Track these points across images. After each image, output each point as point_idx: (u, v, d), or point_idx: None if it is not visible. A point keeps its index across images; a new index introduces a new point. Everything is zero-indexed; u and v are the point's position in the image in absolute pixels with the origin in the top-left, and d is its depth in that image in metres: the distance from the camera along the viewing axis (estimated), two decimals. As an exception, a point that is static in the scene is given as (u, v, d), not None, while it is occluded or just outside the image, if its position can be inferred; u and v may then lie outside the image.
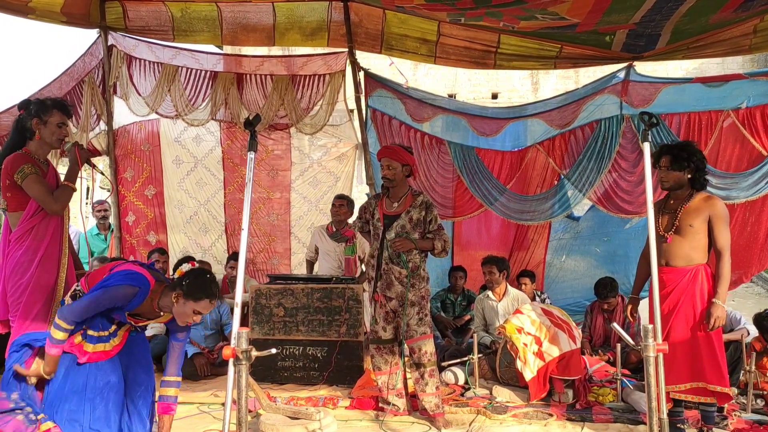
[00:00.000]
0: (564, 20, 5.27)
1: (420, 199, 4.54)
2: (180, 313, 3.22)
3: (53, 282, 3.67)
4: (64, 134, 3.78)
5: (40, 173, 3.64)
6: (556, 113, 6.62)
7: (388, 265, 4.46)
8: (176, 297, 3.21)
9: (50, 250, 3.67)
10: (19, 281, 3.59)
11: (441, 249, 4.48)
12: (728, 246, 3.91)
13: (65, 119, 3.78)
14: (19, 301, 3.58)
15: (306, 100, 6.83)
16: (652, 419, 2.83)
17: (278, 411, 4.34)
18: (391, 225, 4.48)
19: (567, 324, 5.06)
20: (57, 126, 3.73)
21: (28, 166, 3.58)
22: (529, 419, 4.50)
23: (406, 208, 4.50)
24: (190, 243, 7.43)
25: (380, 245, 4.49)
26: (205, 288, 3.21)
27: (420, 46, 6.59)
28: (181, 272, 3.26)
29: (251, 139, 2.93)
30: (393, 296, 4.46)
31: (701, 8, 4.82)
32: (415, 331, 4.44)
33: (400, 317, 4.47)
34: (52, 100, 3.82)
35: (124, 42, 6.79)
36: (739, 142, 6.02)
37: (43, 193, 3.60)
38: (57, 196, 3.64)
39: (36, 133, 3.68)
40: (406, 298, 4.42)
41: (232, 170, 7.42)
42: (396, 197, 4.55)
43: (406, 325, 4.44)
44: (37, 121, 3.67)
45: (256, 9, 6.48)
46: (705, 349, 3.89)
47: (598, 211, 6.64)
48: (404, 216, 4.48)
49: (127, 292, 3.18)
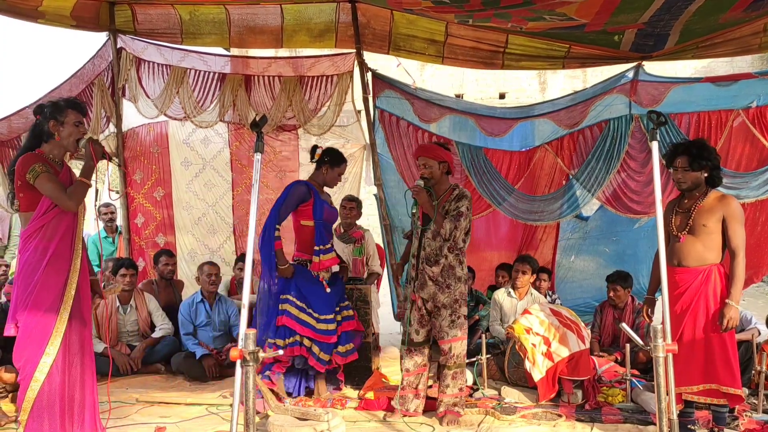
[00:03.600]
0: (572, 21, 5.26)
1: (456, 193, 4.47)
2: (331, 179, 4.93)
3: (62, 283, 3.60)
4: (83, 132, 3.74)
5: (53, 172, 3.59)
6: (565, 113, 6.60)
7: (422, 265, 4.44)
8: (326, 170, 4.89)
9: (60, 250, 3.61)
10: (28, 280, 3.55)
11: (448, 232, 4.35)
12: (743, 246, 3.86)
13: (81, 118, 3.74)
14: (26, 301, 3.54)
15: (314, 101, 6.83)
16: (662, 420, 2.82)
17: (286, 412, 4.35)
18: (429, 223, 4.46)
19: (576, 324, 5.05)
20: (74, 125, 3.69)
21: (39, 165, 3.55)
22: (538, 420, 4.48)
23: (443, 204, 4.47)
24: (199, 245, 7.45)
25: (419, 244, 4.47)
26: (341, 156, 4.95)
27: (428, 47, 6.58)
28: (319, 155, 4.87)
29: (257, 141, 2.95)
30: (426, 297, 4.44)
31: (710, 8, 4.79)
32: (446, 333, 4.42)
33: (435, 318, 4.46)
34: (65, 100, 3.78)
35: (133, 45, 6.82)
36: (749, 142, 5.99)
37: (56, 190, 3.56)
38: (71, 193, 3.59)
39: (55, 135, 3.65)
40: (438, 299, 4.41)
41: (240, 172, 7.43)
42: (437, 195, 4.50)
43: (438, 326, 4.44)
44: (54, 123, 3.64)
45: (264, 11, 6.49)
46: (718, 351, 3.86)
47: (606, 211, 6.62)
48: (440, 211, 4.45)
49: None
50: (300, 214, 4.79)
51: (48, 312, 3.53)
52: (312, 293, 4.82)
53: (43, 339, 3.49)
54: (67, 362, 3.57)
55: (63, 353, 3.54)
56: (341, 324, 4.93)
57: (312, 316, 4.78)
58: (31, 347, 3.49)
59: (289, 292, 4.81)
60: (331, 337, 4.83)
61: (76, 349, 3.62)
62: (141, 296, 6.07)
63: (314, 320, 4.78)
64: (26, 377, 3.48)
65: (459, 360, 4.47)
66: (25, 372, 3.49)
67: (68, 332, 3.57)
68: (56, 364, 3.50)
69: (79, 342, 3.64)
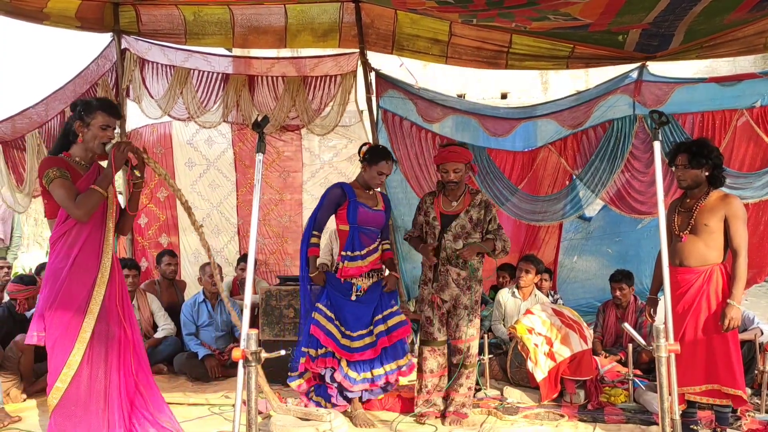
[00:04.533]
0: (576, 21, 5.25)
1: (479, 198, 4.49)
2: (370, 178, 4.45)
3: (85, 295, 3.42)
4: (109, 137, 3.52)
5: (68, 177, 3.40)
6: (568, 113, 6.59)
7: (445, 267, 4.42)
8: (365, 168, 4.46)
9: (83, 260, 3.43)
10: (52, 288, 3.40)
11: (501, 249, 4.45)
12: (745, 245, 3.85)
13: (111, 121, 3.54)
14: (50, 309, 3.39)
15: (317, 101, 6.83)
16: (665, 420, 2.81)
17: (289, 412, 4.34)
18: (449, 225, 4.42)
19: (578, 324, 5.05)
20: (100, 128, 3.50)
21: (53, 170, 3.39)
22: (540, 420, 4.49)
23: (465, 207, 4.45)
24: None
25: (438, 246, 4.44)
26: (381, 153, 4.46)
27: (431, 47, 6.58)
28: (363, 153, 4.48)
29: (259, 141, 2.95)
30: (447, 299, 4.44)
31: (715, 9, 4.77)
32: (464, 333, 4.45)
33: (452, 318, 4.47)
34: (98, 100, 3.61)
35: (137, 45, 6.83)
36: (753, 141, 5.98)
37: (65, 198, 3.37)
38: (79, 201, 3.38)
39: (80, 136, 3.50)
40: (460, 301, 4.43)
41: (244, 172, 7.44)
42: (455, 196, 4.48)
43: (456, 325, 4.45)
44: (80, 124, 3.48)
45: (267, 11, 6.49)
46: (720, 351, 3.85)
47: (609, 211, 6.61)
48: (464, 215, 4.43)
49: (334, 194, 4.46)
50: (339, 217, 4.53)
51: (71, 322, 3.37)
52: (340, 304, 4.46)
53: (66, 349, 3.35)
54: (90, 373, 3.41)
55: (86, 364, 3.38)
56: (380, 338, 4.40)
57: (339, 329, 4.41)
58: (55, 357, 3.36)
59: (321, 300, 4.51)
60: (358, 354, 4.36)
61: (101, 360, 3.43)
62: (143, 296, 6.08)
63: (339, 333, 4.40)
64: (50, 385, 3.37)
65: (474, 359, 4.53)
66: (50, 381, 3.38)
67: (93, 343, 3.40)
68: (78, 374, 3.35)
69: (104, 353, 3.44)
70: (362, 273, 4.45)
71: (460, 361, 4.49)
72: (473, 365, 4.54)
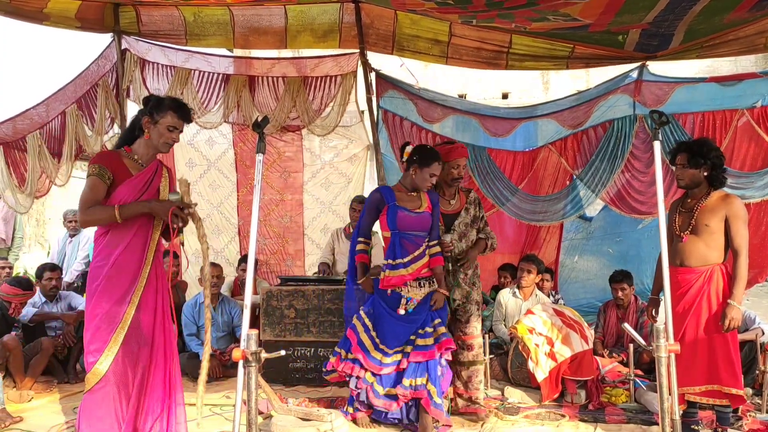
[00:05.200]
0: (576, 21, 5.25)
1: (472, 195, 4.55)
2: (420, 180, 4.14)
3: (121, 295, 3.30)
4: (174, 140, 3.47)
5: (106, 179, 3.28)
6: (568, 113, 6.59)
7: (454, 267, 4.43)
8: (414, 171, 4.14)
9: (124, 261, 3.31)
10: (91, 286, 3.33)
11: (489, 247, 4.55)
12: (745, 245, 3.84)
13: (180, 124, 3.44)
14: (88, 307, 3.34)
15: (318, 101, 6.84)
16: (665, 420, 2.81)
17: (289, 412, 4.35)
18: (453, 224, 4.43)
19: (579, 324, 5.05)
20: (167, 129, 3.41)
21: (96, 167, 3.29)
22: (541, 420, 4.49)
23: (464, 206, 4.47)
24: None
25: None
26: (432, 154, 4.17)
27: (432, 47, 6.58)
28: (408, 153, 4.20)
29: (259, 141, 2.95)
30: (458, 297, 4.46)
31: (715, 8, 4.77)
32: (474, 328, 4.50)
33: (460, 316, 4.48)
34: (170, 99, 3.51)
35: (137, 46, 6.84)
36: (753, 141, 5.98)
37: (84, 196, 3.27)
38: (90, 210, 3.26)
39: (146, 132, 3.40)
40: (471, 297, 4.47)
41: (244, 172, 7.45)
42: (451, 195, 4.49)
43: (467, 321, 4.47)
44: (148, 120, 3.39)
45: (267, 12, 6.49)
46: (720, 351, 3.85)
47: (610, 211, 6.61)
48: (464, 214, 4.45)
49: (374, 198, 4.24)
50: (381, 223, 4.29)
51: (105, 324, 3.28)
52: (381, 317, 4.19)
53: (97, 351, 3.27)
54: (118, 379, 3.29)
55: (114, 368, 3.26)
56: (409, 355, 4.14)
57: (373, 341, 4.19)
58: (88, 356, 3.31)
59: (365, 307, 4.30)
60: (383, 368, 4.15)
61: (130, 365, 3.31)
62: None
63: (373, 346, 4.18)
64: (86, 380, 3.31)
65: (482, 355, 4.58)
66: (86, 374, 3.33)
67: (124, 348, 3.29)
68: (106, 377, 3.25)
69: (133, 359, 3.32)
70: (406, 282, 4.15)
71: (474, 358, 4.51)
72: (483, 361, 4.59)
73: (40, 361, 5.36)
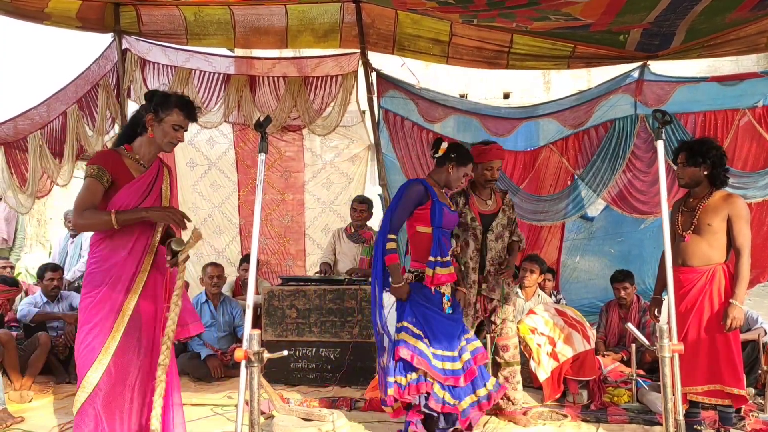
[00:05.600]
0: (577, 21, 5.25)
1: (508, 198, 4.54)
2: (455, 179, 4.03)
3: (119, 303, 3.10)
4: (180, 139, 3.25)
5: (104, 180, 3.08)
6: (570, 113, 6.59)
7: (493, 266, 4.39)
8: (451, 168, 3.99)
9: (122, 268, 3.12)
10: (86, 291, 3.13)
11: (519, 249, 4.61)
12: (748, 245, 3.84)
13: (185, 123, 3.24)
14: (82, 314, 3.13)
15: (319, 101, 6.83)
16: (668, 420, 2.80)
17: (291, 412, 4.35)
18: (490, 225, 4.40)
19: (581, 324, 5.04)
20: (173, 128, 3.20)
21: (94, 167, 3.09)
22: (543, 420, 4.48)
23: (500, 206, 4.45)
24: (204, 245, 7.46)
25: (481, 246, 4.38)
26: (469, 155, 4.10)
27: (432, 47, 6.57)
28: (444, 149, 4.00)
29: (261, 141, 2.93)
30: (496, 297, 4.41)
31: (717, 7, 4.77)
32: (510, 329, 4.47)
33: (497, 317, 4.44)
34: (177, 96, 3.29)
35: (138, 46, 6.83)
36: (755, 141, 5.97)
37: (80, 199, 3.06)
38: (86, 214, 3.05)
39: (149, 130, 3.19)
40: (510, 298, 4.45)
41: (245, 172, 7.45)
42: (487, 195, 4.46)
43: (502, 322, 4.43)
44: (152, 117, 3.18)
45: (268, 12, 6.49)
46: (722, 351, 3.84)
47: (612, 211, 6.60)
48: (501, 215, 4.43)
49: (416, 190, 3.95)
50: (416, 218, 3.96)
51: (97, 333, 3.07)
52: (430, 319, 3.89)
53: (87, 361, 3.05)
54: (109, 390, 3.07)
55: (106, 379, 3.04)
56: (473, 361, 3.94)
57: (429, 347, 3.84)
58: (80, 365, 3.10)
59: (405, 318, 3.90)
60: (453, 377, 3.83)
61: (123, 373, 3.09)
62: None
63: (430, 353, 3.83)
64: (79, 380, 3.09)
65: (518, 356, 4.54)
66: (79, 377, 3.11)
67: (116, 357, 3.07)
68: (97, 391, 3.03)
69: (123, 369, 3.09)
70: (453, 279, 4.03)
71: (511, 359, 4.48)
72: (519, 361, 4.56)
73: (39, 357, 5.36)
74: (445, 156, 4.02)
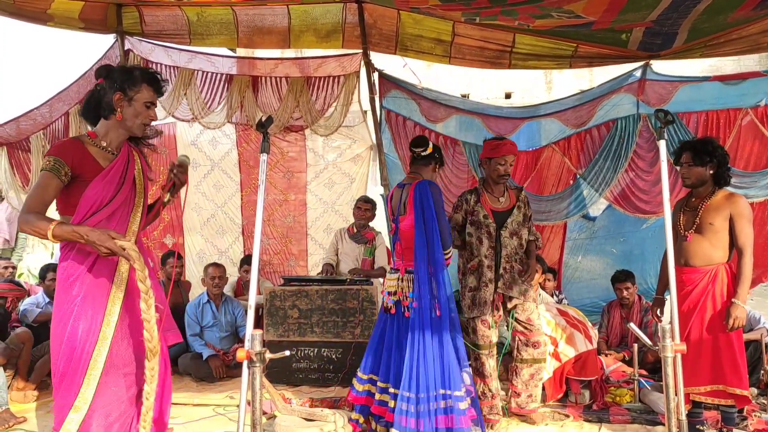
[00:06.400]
0: (580, 18, 5.24)
1: (523, 194, 4.51)
2: (436, 177, 4.22)
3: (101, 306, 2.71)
4: (153, 118, 2.89)
5: (60, 175, 2.65)
6: (572, 113, 6.59)
7: (509, 263, 4.35)
8: (435, 167, 4.20)
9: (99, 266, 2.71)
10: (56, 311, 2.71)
11: (536, 247, 4.60)
12: (750, 244, 3.83)
13: (155, 98, 2.89)
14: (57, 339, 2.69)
15: (321, 101, 6.84)
16: (671, 420, 2.79)
17: (293, 413, 4.35)
18: (505, 222, 4.35)
19: (583, 324, 5.03)
20: (144, 106, 2.84)
21: (50, 159, 2.66)
22: (545, 420, 4.47)
23: (514, 203, 4.41)
24: (207, 245, 7.48)
25: (496, 243, 4.34)
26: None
27: (435, 47, 6.57)
28: (431, 149, 4.13)
29: (263, 141, 2.93)
30: (515, 295, 4.35)
31: (719, 6, 4.76)
32: (539, 324, 4.42)
33: (520, 314, 4.38)
34: (141, 69, 2.92)
35: (141, 46, 6.84)
36: (757, 140, 5.98)
37: (30, 198, 2.66)
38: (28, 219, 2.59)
39: (117, 112, 2.81)
40: (528, 294, 4.37)
41: (248, 172, 7.46)
42: (500, 192, 4.44)
43: (526, 320, 4.38)
44: (121, 96, 2.81)
45: (271, 12, 6.49)
46: (725, 351, 3.83)
47: (614, 210, 6.60)
48: (516, 212, 4.39)
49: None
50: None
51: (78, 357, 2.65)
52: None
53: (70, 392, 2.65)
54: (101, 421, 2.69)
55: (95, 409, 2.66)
56: None
57: None
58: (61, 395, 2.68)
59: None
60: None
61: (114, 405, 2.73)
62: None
63: None
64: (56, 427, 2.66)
65: (546, 353, 4.48)
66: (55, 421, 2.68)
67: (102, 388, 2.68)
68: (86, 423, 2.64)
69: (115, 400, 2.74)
70: None
71: (540, 355, 4.41)
72: (545, 359, 4.48)
73: (46, 362, 5.37)
74: (431, 155, 4.16)
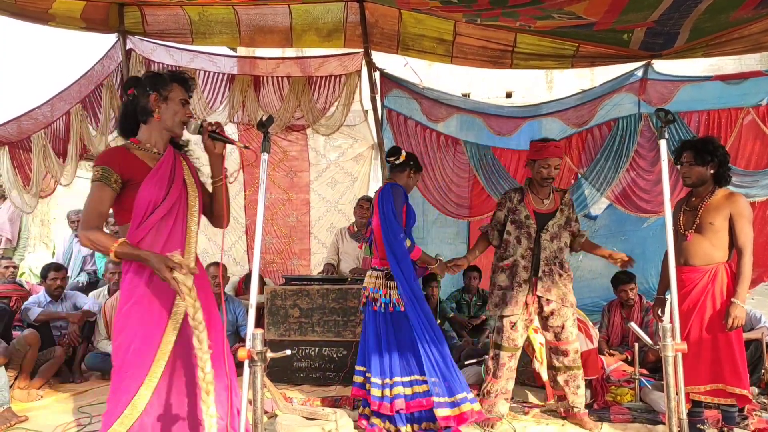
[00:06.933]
0: (581, 19, 5.24)
1: (567, 197, 4.46)
2: (413, 183, 4.48)
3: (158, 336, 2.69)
4: (189, 115, 2.93)
5: (111, 182, 2.69)
6: (573, 112, 6.59)
7: (548, 266, 4.28)
8: (411, 173, 4.42)
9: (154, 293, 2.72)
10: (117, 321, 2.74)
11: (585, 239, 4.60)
12: (750, 244, 3.83)
13: (187, 96, 2.94)
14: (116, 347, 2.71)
15: (322, 101, 6.83)
16: (672, 419, 2.80)
17: (294, 412, 4.36)
18: (546, 224, 4.30)
19: (584, 323, 5.03)
20: (180, 103, 2.89)
21: (99, 169, 2.70)
22: (546, 419, 4.48)
23: (558, 206, 4.37)
24: (210, 244, 7.49)
25: (535, 245, 4.29)
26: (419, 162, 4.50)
27: (436, 46, 6.56)
28: (404, 157, 4.36)
29: (264, 141, 2.94)
30: (553, 298, 4.26)
31: (720, 6, 4.76)
32: (570, 333, 4.31)
33: (554, 318, 4.29)
34: (168, 72, 2.97)
35: (142, 46, 6.83)
36: (759, 140, 5.97)
37: (86, 210, 2.69)
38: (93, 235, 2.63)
39: (156, 113, 2.85)
40: (567, 299, 4.29)
41: (251, 172, 7.47)
42: (545, 194, 4.39)
43: (561, 326, 4.29)
44: (156, 97, 2.84)
45: (272, 11, 6.49)
46: (724, 350, 3.84)
47: (615, 210, 6.60)
48: (559, 215, 4.34)
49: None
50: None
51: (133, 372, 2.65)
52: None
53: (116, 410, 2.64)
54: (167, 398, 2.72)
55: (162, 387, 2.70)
56: None
57: None
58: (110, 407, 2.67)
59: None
60: None
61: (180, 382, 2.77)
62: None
63: None
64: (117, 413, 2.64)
65: (578, 360, 4.39)
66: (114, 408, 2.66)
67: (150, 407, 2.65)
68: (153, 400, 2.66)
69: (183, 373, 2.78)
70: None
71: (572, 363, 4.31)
72: (579, 366, 4.37)
73: (50, 367, 5.42)
74: (405, 163, 4.40)
